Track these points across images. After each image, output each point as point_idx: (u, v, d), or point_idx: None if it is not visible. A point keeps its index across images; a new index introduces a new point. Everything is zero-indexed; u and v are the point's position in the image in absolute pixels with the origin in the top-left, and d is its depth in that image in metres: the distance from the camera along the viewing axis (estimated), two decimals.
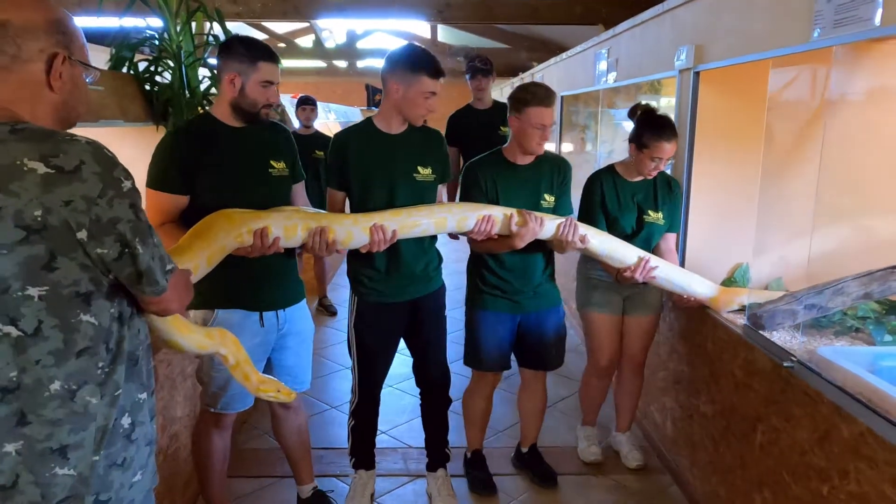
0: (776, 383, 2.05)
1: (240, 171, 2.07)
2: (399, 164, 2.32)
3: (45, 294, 1.11)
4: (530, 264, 2.55)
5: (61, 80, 1.18)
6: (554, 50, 7.95)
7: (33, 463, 1.14)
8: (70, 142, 1.11)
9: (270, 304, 2.16)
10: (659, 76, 3.29)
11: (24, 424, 1.13)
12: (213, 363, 2.12)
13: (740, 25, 2.40)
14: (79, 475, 1.17)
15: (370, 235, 2.14)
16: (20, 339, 1.11)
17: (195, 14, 3.02)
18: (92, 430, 1.19)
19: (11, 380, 1.12)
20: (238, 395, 2.19)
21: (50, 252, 1.10)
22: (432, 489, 2.68)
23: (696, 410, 2.66)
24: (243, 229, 1.93)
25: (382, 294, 2.39)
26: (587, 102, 5.35)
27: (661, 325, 3.05)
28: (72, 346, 1.15)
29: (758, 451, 2.17)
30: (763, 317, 2.27)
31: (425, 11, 6.55)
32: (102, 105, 2.48)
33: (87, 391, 1.17)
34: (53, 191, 1.08)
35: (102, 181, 1.11)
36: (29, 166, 1.07)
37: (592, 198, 2.71)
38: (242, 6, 6.45)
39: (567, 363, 3.06)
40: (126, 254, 1.16)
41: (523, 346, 2.68)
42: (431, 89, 2.22)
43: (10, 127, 1.10)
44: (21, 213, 1.07)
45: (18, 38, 1.12)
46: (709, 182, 2.85)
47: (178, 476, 2.48)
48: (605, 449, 3.11)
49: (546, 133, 2.40)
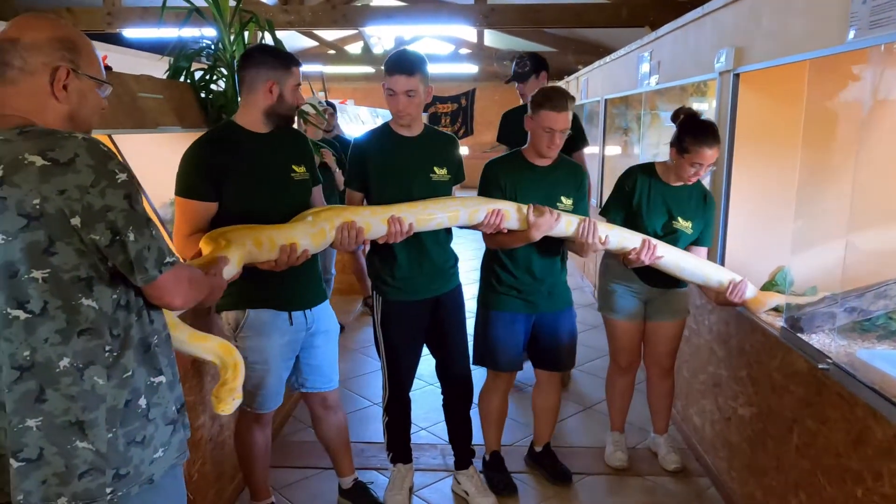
0: (812, 385, 2.05)
1: (265, 177, 2.12)
2: (416, 164, 2.41)
3: (48, 276, 1.22)
4: (545, 265, 2.58)
5: (66, 91, 1.29)
6: (601, 53, 7.91)
7: (55, 436, 1.25)
8: (67, 138, 1.23)
9: (299, 304, 2.23)
10: (699, 78, 3.29)
11: (43, 401, 1.24)
12: (248, 363, 2.15)
13: (779, 27, 2.40)
14: (97, 450, 1.27)
15: (388, 227, 2.21)
16: (29, 320, 1.23)
17: (248, 24, 3.16)
18: (102, 409, 1.28)
19: (26, 358, 1.23)
20: (272, 394, 2.27)
21: (49, 237, 1.21)
22: (467, 487, 2.73)
23: (734, 413, 2.65)
24: (265, 244, 1.93)
25: (406, 292, 2.47)
26: (631, 105, 5.34)
27: (701, 329, 3.05)
28: (74, 325, 1.25)
29: (794, 453, 2.16)
30: (801, 319, 2.26)
31: (471, 17, 6.63)
32: (161, 112, 2.63)
33: (94, 371, 1.27)
34: (50, 181, 1.19)
35: (95, 172, 1.21)
36: (29, 160, 1.19)
37: (622, 188, 2.73)
38: (294, 15, 6.66)
39: (605, 365, 3.09)
40: (117, 241, 1.24)
41: (537, 346, 2.71)
42: (390, 86, 2.30)
43: (19, 130, 1.23)
44: (22, 203, 1.19)
45: (25, 53, 1.25)
46: (748, 185, 2.84)
47: (227, 463, 2.61)
48: (643, 450, 3.12)
49: (555, 137, 2.44)
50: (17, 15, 1.36)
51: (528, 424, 3.13)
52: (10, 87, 1.26)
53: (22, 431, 1.24)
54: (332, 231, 2.10)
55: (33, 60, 1.26)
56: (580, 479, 2.89)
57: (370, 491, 2.63)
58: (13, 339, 1.23)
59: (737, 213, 2.87)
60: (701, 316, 3.03)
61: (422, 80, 2.30)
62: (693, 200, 2.68)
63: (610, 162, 5.82)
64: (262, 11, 5.78)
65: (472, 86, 12.76)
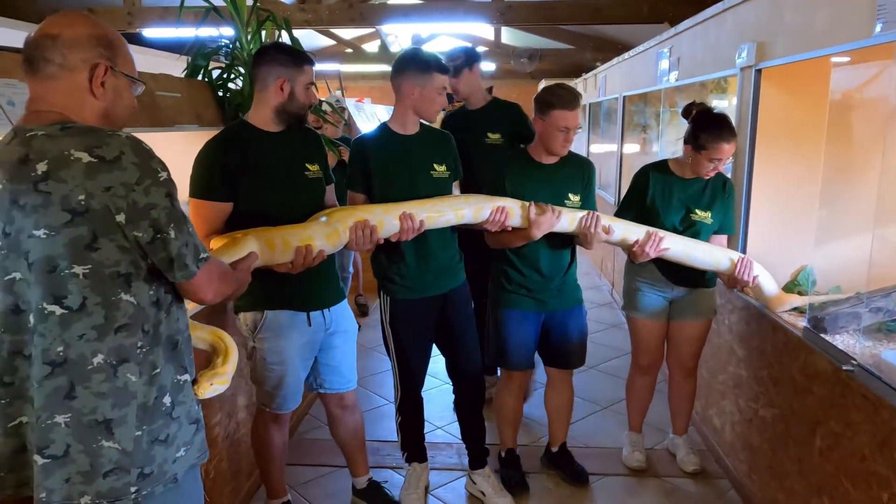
0: (836, 387, 2.00)
1: (279, 175, 2.12)
2: (417, 162, 2.41)
3: (89, 272, 1.23)
4: (554, 262, 2.57)
5: (103, 88, 1.30)
6: (620, 49, 7.84)
7: (82, 434, 1.25)
8: (112, 135, 1.24)
9: (317, 304, 2.22)
10: (720, 74, 3.24)
11: (73, 398, 1.24)
12: (267, 364, 2.19)
13: (802, 21, 2.35)
14: (123, 449, 1.27)
15: (400, 223, 2.20)
16: (64, 315, 1.23)
17: (265, 23, 3.17)
18: (133, 406, 1.28)
19: (59, 354, 1.23)
20: (291, 394, 2.26)
21: (92, 233, 1.22)
22: (483, 487, 2.72)
23: (755, 414, 2.61)
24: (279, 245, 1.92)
25: (413, 289, 2.46)
26: (650, 102, 5.28)
27: (721, 328, 3.00)
28: (112, 321, 1.25)
29: (817, 456, 2.12)
30: (825, 319, 2.21)
31: (488, 14, 6.61)
32: (179, 111, 2.64)
33: (127, 369, 1.27)
34: (96, 177, 1.20)
35: (140, 170, 1.23)
36: (75, 156, 1.20)
37: (634, 190, 2.73)
38: (311, 14, 6.67)
39: (622, 365, 3.06)
40: (159, 238, 1.26)
41: (548, 345, 2.70)
42: (444, 84, 2.35)
43: (60, 126, 1.24)
44: (67, 198, 1.20)
45: (65, 49, 1.26)
46: (770, 183, 2.79)
47: (244, 460, 2.62)
48: (661, 451, 3.08)
49: (570, 135, 2.44)
50: (40, 15, 1.37)
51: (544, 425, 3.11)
52: (48, 82, 1.27)
53: (50, 427, 1.24)
54: (346, 231, 2.09)
55: (73, 57, 1.26)
56: (597, 480, 2.87)
57: (385, 490, 2.63)
58: (46, 335, 1.23)
59: (759, 212, 2.82)
60: (721, 315, 2.99)
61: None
62: (710, 190, 2.66)
63: (628, 160, 5.76)
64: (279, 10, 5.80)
65: (489, 84, 12.70)
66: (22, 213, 1.21)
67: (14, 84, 1.84)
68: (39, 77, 1.27)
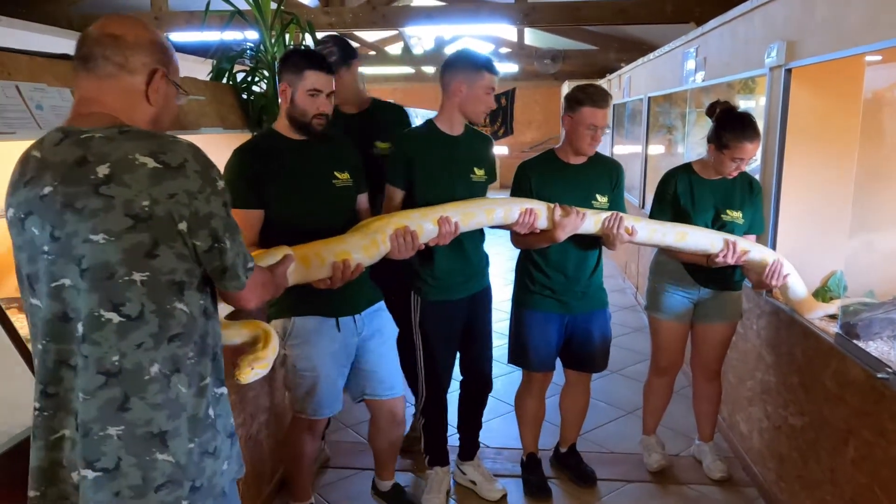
0: (869, 395, 1.95)
1: (304, 184, 2.09)
2: (460, 165, 2.40)
3: (146, 280, 1.19)
4: (579, 264, 2.55)
5: (158, 94, 1.29)
6: (645, 50, 7.75)
7: (135, 447, 1.20)
8: (175, 142, 1.22)
9: (346, 309, 2.18)
10: (748, 74, 3.18)
11: (126, 409, 1.20)
12: (298, 371, 2.17)
13: (834, 19, 2.29)
14: (176, 462, 1.23)
15: (439, 227, 2.17)
16: (122, 324, 1.19)
17: (288, 26, 3.19)
18: (184, 418, 1.25)
19: (114, 364, 1.19)
20: (325, 401, 2.22)
21: (153, 240, 1.18)
22: (473, 477, 2.76)
23: (785, 422, 2.55)
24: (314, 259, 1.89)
25: (446, 291, 2.45)
26: (676, 103, 5.21)
27: (749, 334, 2.94)
28: (166, 330, 1.22)
29: (849, 465, 2.06)
30: (858, 325, 2.16)
31: (511, 15, 6.57)
32: (203, 114, 2.67)
33: (179, 379, 1.24)
34: (161, 184, 1.18)
35: (202, 178, 1.22)
36: (140, 160, 1.17)
37: (663, 195, 2.69)
38: (335, 17, 6.70)
39: (647, 370, 3.01)
40: (215, 248, 1.25)
41: (570, 347, 2.67)
42: (492, 84, 2.32)
43: (118, 129, 1.21)
44: (131, 203, 1.16)
45: (127, 50, 1.24)
46: (801, 184, 2.72)
47: (265, 463, 2.63)
48: (687, 458, 3.03)
49: (598, 134, 2.41)
50: (70, 20, 1.37)
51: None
52: (104, 80, 1.24)
53: (102, 440, 1.19)
54: (385, 241, 2.04)
55: (134, 59, 1.25)
56: (621, 487, 2.83)
57: (407, 495, 2.62)
58: (102, 343, 1.19)
59: (789, 216, 2.76)
60: (749, 320, 2.93)
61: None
62: (738, 190, 2.62)
63: (652, 161, 5.70)
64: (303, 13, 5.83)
65: (512, 85, 12.67)
66: (77, 217, 1.17)
67: (43, 88, 1.86)
68: (95, 75, 1.24)
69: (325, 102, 2.06)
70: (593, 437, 3.23)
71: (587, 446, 3.08)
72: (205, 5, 3.11)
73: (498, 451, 3.10)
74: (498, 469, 2.91)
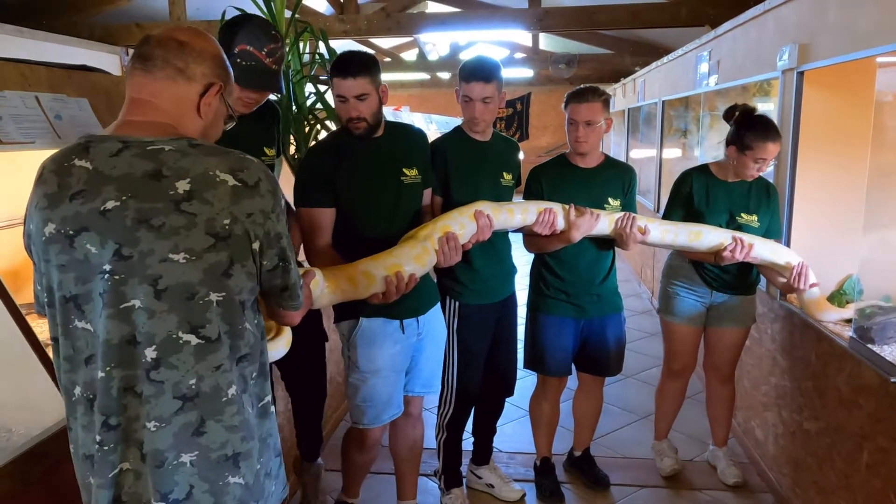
0: (884, 400, 1.93)
1: (371, 180, 2.10)
2: (490, 169, 2.42)
3: (222, 300, 1.15)
4: (592, 269, 2.55)
5: (209, 108, 1.24)
6: (660, 53, 7.72)
7: (207, 472, 1.16)
8: (248, 160, 1.20)
9: (410, 312, 2.17)
10: (761, 77, 3.16)
11: (201, 434, 1.15)
12: (360, 371, 2.14)
13: (846, 21, 2.28)
14: (246, 484, 1.20)
15: (476, 221, 2.14)
16: (200, 346, 1.14)
17: (302, 34, 3.22)
18: (256, 439, 1.22)
19: (191, 387, 1.13)
20: (383, 404, 2.17)
21: (230, 259, 1.15)
22: (490, 480, 2.76)
23: (799, 427, 2.53)
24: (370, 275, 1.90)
25: (483, 294, 2.45)
26: (690, 106, 5.19)
27: (763, 338, 2.92)
28: (236, 351, 1.19)
29: (864, 471, 2.04)
30: (872, 329, 2.14)
31: (525, 21, 6.58)
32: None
33: (246, 399, 1.21)
34: (240, 202, 1.15)
35: (273, 198, 1.21)
36: (221, 177, 1.14)
37: (677, 193, 2.70)
38: (350, 24, 6.75)
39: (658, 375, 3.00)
40: (280, 266, 1.24)
41: (585, 351, 2.66)
42: (469, 94, 2.28)
43: (187, 142, 1.17)
44: (213, 222, 1.13)
45: (189, 57, 1.20)
46: (814, 188, 2.71)
47: (287, 456, 2.63)
48: (701, 464, 3.01)
49: (579, 129, 2.42)
50: (91, 31, 1.37)
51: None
52: (161, 82, 1.19)
53: (176, 469, 1.14)
54: (434, 247, 2.02)
55: (196, 68, 1.21)
56: (635, 492, 2.82)
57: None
58: (179, 366, 1.13)
59: (802, 219, 2.74)
60: (763, 324, 2.91)
61: (497, 86, 2.29)
62: (754, 193, 2.61)
63: (667, 165, 5.67)
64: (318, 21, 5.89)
65: (527, 90, 12.68)
66: (154, 235, 1.10)
67: (62, 98, 1.90)
68: (152, 75, 1.19)
69: (354, 106, 2.02)
70: (607, 442, 3.22)
71: (601, 451, 3.08)
72: (220, 16, 3.15)
73: (511, 455, 3.10)
74: (511, 473, 2.90)
